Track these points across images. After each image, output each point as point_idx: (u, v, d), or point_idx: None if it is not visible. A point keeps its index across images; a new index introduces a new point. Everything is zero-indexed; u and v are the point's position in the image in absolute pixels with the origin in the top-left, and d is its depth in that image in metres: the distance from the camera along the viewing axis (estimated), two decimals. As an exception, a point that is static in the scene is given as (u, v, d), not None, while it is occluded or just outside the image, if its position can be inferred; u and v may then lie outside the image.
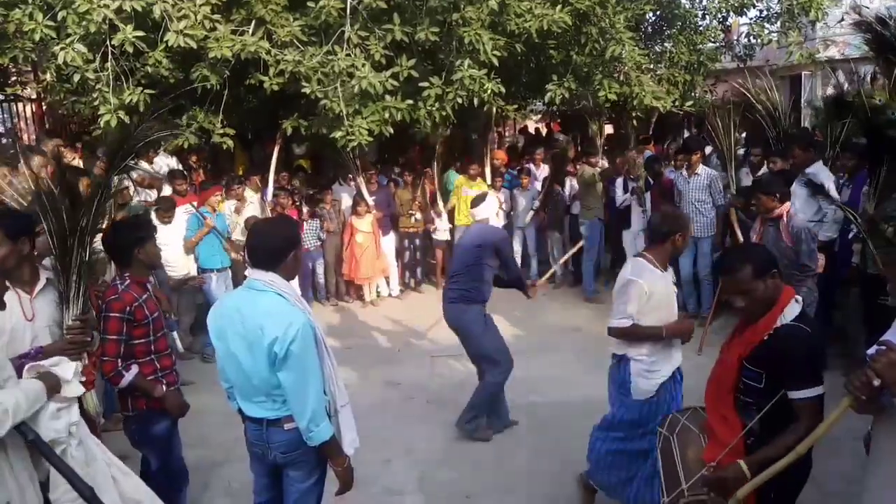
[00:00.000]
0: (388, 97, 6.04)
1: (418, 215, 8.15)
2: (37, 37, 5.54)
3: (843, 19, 7.58)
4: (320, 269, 7.87)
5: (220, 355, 2.67)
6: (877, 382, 1.81)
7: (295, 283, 7.06)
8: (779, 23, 8.27)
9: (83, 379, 2.72)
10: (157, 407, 3.21)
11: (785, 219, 4.54)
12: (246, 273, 2.62)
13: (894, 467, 1.92)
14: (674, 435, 2.72)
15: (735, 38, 9.80)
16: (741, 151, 6.89)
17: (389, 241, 8.14)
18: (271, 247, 2.54)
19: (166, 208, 6.06)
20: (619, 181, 7.48)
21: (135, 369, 3.13)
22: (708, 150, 7.20)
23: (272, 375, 2.48)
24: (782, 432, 2.33)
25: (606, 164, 8.29)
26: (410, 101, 6.22)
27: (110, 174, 3.13)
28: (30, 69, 7.95)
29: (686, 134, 10.33)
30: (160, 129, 3.98)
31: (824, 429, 2.01)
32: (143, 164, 7.67)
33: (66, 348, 2.78)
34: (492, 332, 4.64)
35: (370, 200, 7.80)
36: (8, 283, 2.73)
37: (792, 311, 2.44)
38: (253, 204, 7.33)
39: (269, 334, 2.42)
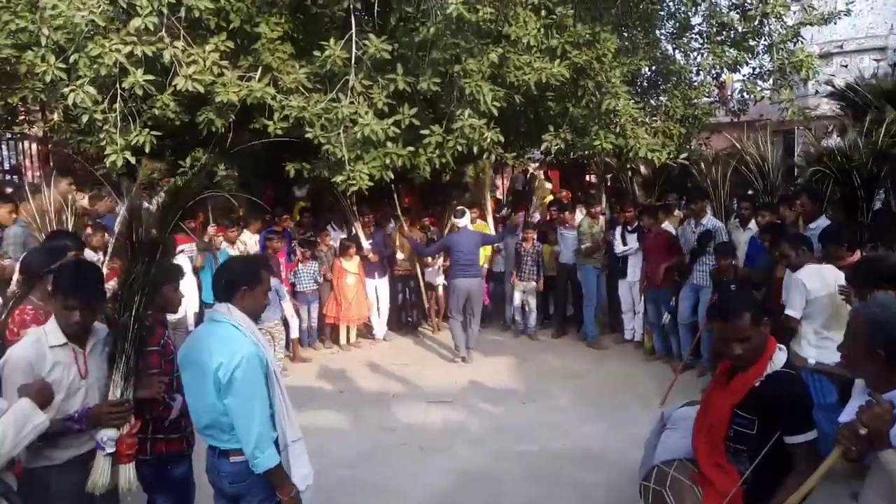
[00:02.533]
0: (389, 144, 6.16)
1: (400, 256, 8.27)
2: (48, 78, 5.66)
3: (831, 82, 7.83)
4: (314, 313, 7.86)
5: (184, 384, 2.76)
6: (863, 431, 1.87)
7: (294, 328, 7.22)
8: (771, 80, 8.50)
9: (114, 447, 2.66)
10: (176, 450, 3.13)
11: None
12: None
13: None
14: (665, 488, 2.70)
15: (729, 93, 10.04)
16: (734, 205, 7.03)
17: (384, 284, 8.19)
18: (227, 280, 2.73)
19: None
20: (619, 231, 7.57)
21: (179, 398, 3.03)
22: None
23: (219, 402, 2.59)
24: (787, 478, 2.34)
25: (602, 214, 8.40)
26: (411, 148, 6.35)
27: (165, 231, 3.06)
28: (38, 108, 8.09)
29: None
30: (207, 186, 3.97)
31: (817, 479, 2.03)
32: (144, 204, 7.76)
33: (105, 418, 2.68)
34: None
35: (367, 244, 7.90)
36: (66, 339, 2.67)
37: (779, 359, 2.49)
38: (251, 246, 7.39)
39: (216, 360, 2.56)
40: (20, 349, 2.61)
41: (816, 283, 4.19)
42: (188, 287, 6.40)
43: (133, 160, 5.86)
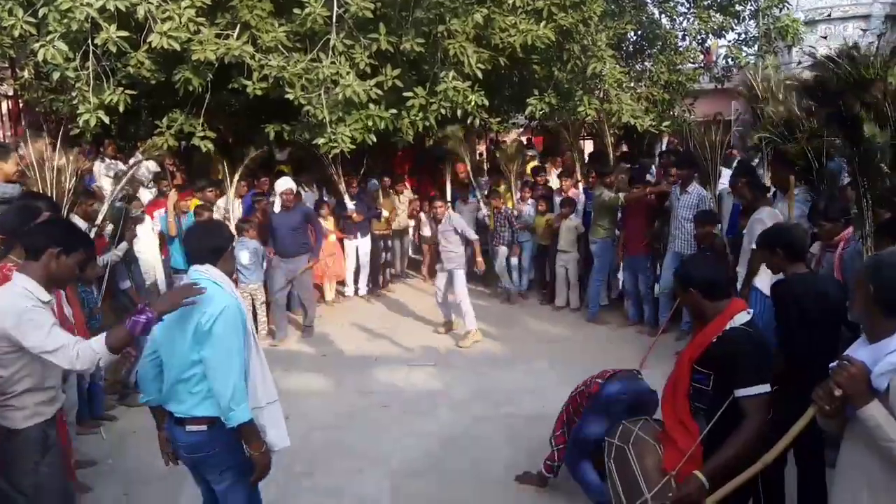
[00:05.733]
0: (371, 106, 6.06)
1: (385, 213, 8.47)
2: (16, 33, 5.47)
3: (814, 48, 7.79)
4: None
5: (158, 341, 2.71)
6: (838, 393, 1.90)
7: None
8: (756, 46, 8.47)
9: None
10: None
11: (841, 246, 4.09)
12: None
13: (857, 477, 1.98)
14: (628, 445, 2.76)
15: (714, 59, 10.01)
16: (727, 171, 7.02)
17: (366, 243, 8.43)
18: (213, 245, 2.76)
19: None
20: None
21: None
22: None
23: (193, 352, 2.57)
24: (732, 434, 2.40)
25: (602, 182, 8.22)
26: (394, 111, 6.25)
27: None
28: (7, 66, 7.83)
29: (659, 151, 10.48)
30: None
31: (791, 437, 2.07)
32: (120, 165, 7.62)
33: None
34: None
35: (350, 205, 8.02)
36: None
37: (741, 318, 2.54)
38: (231, 210, 7.31)
39: (199, 308, 2.56)
40: (24, 298, 2.55)
41: (773, 221, 4.54)
42: (152, 252, 6.40)
43: (107, 120, 5.71)
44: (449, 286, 6.89)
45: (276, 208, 6.90)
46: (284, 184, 6.87)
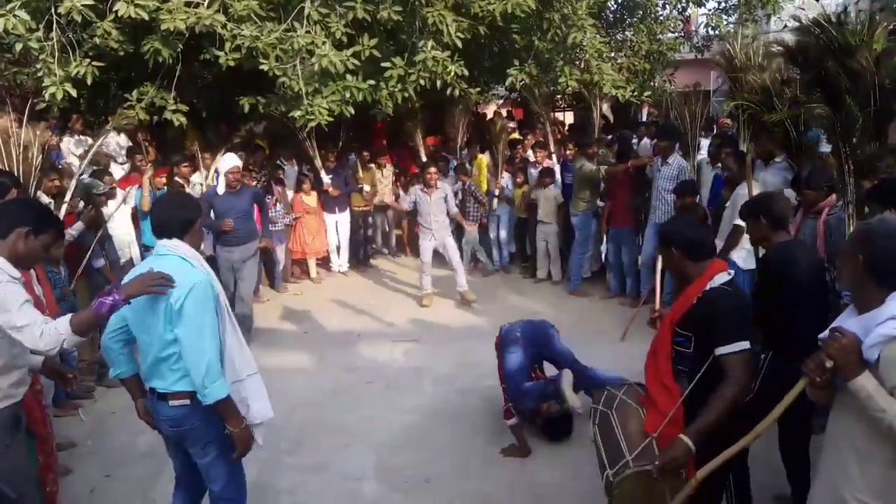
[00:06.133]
0: (349, 77, 5.91)
1: (367, 188, 8.45)
2: (-26, 2, 5.22)
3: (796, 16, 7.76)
4: (281, 255, 7.79)
5: (130, 321, 2.67)
6: (829, 364, 1.89)
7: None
8: (736, 14, 8.42)
9: None
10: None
11: (825, 212, 4.14)
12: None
13: (846, 447, 1.98)
14: (612, 410, 2.76)
15: (693, 28, 9.95)
16: (705, 142, 7.02)
17: (345, 219, 8.36)
18: (181, 217, 2.70)
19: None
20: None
21: None
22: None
23: (167, 331, 2.54)
24: (714, 393, 2.39)
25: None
26: (372, 82, 6.11)
27: None
28: (-34, 37, 7.51)
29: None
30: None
31: (781, 408, 2.06)
32: (89, 141, 7.39)
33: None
34: None
35: (326, 179, 7.91)
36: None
37: (721, 278, 2.55)
38: (204, 186, 7.15)
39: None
40: None
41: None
42: (126, 229, 6.27)
43: (74, 93, 5.51)
44: (435, 256, 6.94)
45: (220, 189, 6.08)
46: (230, 161, 6.10)
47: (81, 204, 5.25)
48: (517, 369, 4.20)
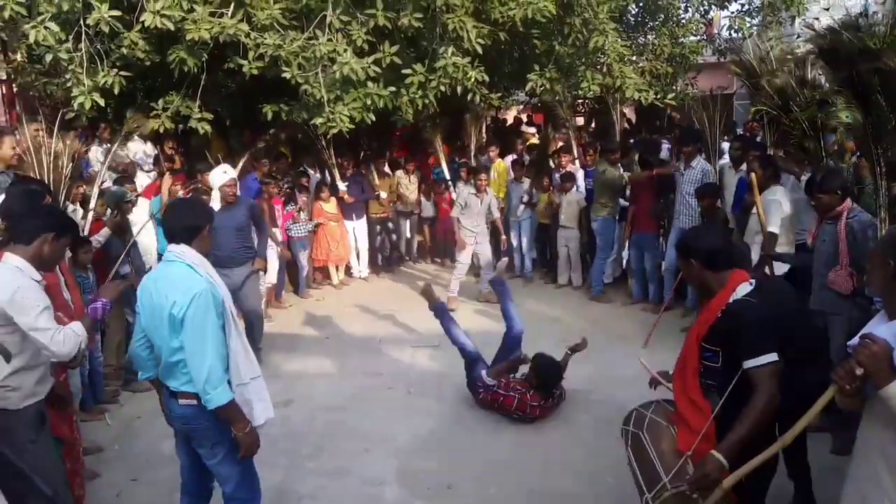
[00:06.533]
0: (370, 84, 5.95)
1: (384, 195, 8.44)
2: (6, 14, 5.34)
3: (818, 19, 7.67)
4: (305, 261, 7.86)
5: (145, 326, 2.81)
6: (859, 372, 1.85)
7: (272, 273, 7.09)
8: (760, 16, 8.32)
9: None
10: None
11: (844, 217, 3.94)
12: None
13: (877, 458, 1.93)
14: (643, 430, 2.71)
15: (716, 31, 9.85)
16: (725, 145, 6.94)
17: (362, 225, 8.41)
18: (189, 224, 2.78)
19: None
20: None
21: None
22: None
23: (172, 338, 2.64)
24: (744, 408, 2.35)
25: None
26: (393, 88, 6.14)
27: None
28: (-1, 48, 7.70)
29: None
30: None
31: (811, 416, 2.02)
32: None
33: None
34: None
35: (342, 186, 7.96)
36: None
37: (743, 289, 2.49)
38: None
39: (170, 299, 2.62)
40: (19, 278, 2.64)
41: (787, 203, 5.08)
42: (149, 236, 6.29)
43: (102, 102, 5.62)
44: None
45: (215, 204, 5.53)
46: (225, 175, 5.60)
47: (109, 211, 5.34)
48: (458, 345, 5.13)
